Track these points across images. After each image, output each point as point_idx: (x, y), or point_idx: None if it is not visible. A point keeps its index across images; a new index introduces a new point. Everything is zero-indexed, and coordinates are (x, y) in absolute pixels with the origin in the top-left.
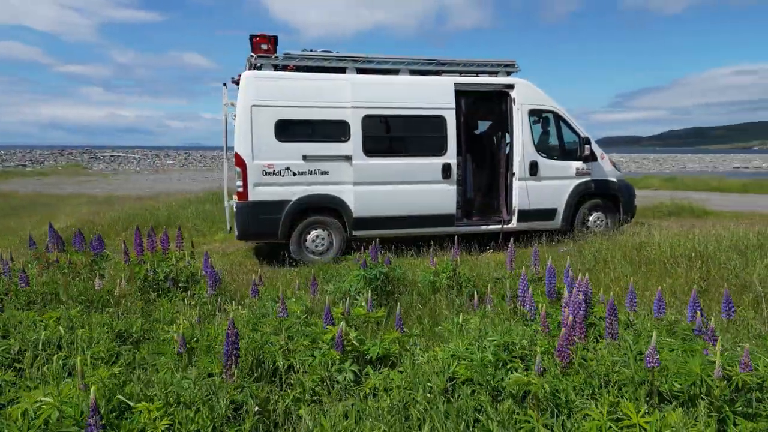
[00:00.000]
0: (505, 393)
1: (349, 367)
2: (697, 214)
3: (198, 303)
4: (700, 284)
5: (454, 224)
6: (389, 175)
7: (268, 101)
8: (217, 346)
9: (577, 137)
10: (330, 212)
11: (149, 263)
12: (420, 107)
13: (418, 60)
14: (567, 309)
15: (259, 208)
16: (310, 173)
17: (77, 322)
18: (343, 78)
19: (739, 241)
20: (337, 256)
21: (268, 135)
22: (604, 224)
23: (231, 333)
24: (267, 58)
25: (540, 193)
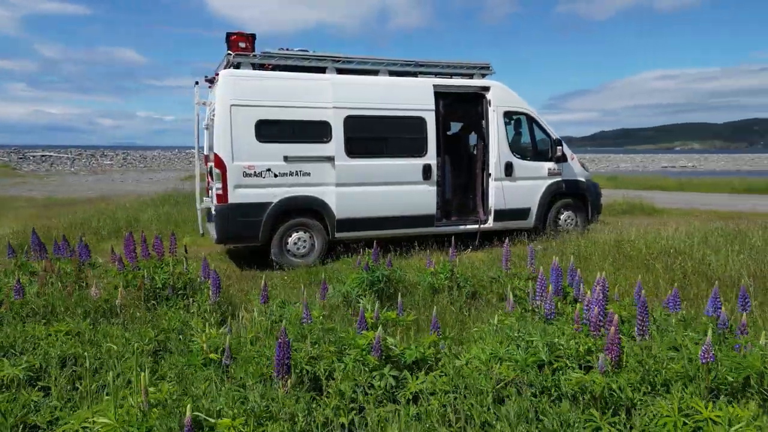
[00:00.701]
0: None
1: (389, 373)
2: (648, 212)
3: (201, 311)
4: (682, 280)
5: (434, 225)
6: (371, 176)
7: (248, 101)
8: (256, 355)
9: (548, 138)
10: (312, 214)
11: (146, 270)
12: (401, 108)
13: (397, 61)
14: (596, 307)
15: (240, 211)
16: (291, 174)
17: (91, 335)
18: (325, 78)
19: (708, 237)
20: (319, 259)
21: (249, 135)
22: (574, 223)
23: (283, 342)
24: (245, 57)
25: (515, 193)
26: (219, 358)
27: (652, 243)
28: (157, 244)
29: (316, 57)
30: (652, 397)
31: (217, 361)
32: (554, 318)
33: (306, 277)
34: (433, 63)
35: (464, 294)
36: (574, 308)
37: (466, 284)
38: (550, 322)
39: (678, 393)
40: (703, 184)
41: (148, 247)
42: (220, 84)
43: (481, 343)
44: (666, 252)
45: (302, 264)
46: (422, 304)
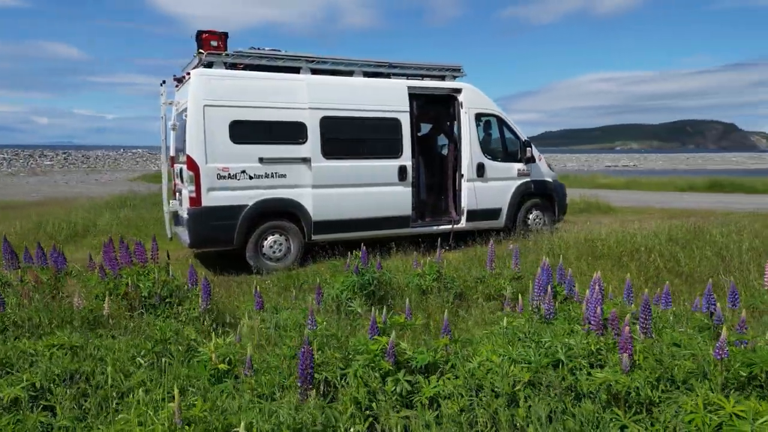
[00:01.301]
0: (573, 393)
1: (404, 378)
2: (605, 211)
3: (190, 319)
4: (656, 277)
5: (409, 226)
6: (348, 177)
7: (221, 101)
8: (274, 365)
9: (517, 140)
10: (288, 216)
11: (130, 278)
12: (376, 109)
13: (371, 62)
14: (598, 307)
15: (214, 214)
16: (267, 176)
17: (90, 349)
18: (300, 78)
19: (672, 235)
20: (296, 262)
21: (223, 137)
22: (542, 222)
23: (306, 351)
24: (218, 56)
25: (486, 193)
26: (228, 369)
27: (623, 241)
28: (140, 250)
29: (290, 57)
30: (670, 394)
31: (225, 372)
32: (553, 318)
33: (286, 281)
34: (406, 64)
35: (452, 295)
36: (567, 307)
37: (453, 285)
38: (550, 321)
39: (702, 390)
40: (649, 183)
41: (131, 255)
42: (192, 84)
43: (489, 345)
44: (637, 250)
45: (278, 268)
46: (413, 306)
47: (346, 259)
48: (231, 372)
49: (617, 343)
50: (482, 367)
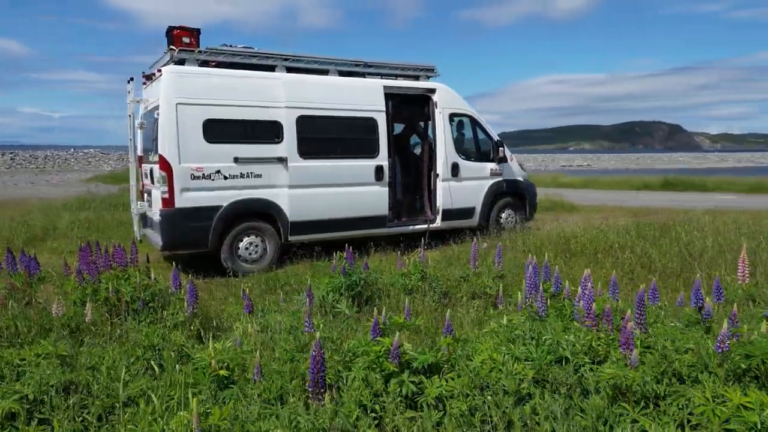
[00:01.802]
0: (578, 389)
1: (408, 379)
2: (568, 209)
3: (175, 324)
4: (630, 273)
5: (386, 225)
6: (325, 177)
7: (195, 99)
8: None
9: (490, 140)
10: (264, 217)
11: (110, 283)
12: (353, 109)
13: (346, 61)
14: (594, 303)
15: (188, 216)
16: (242, 176)
17: (83, 358)
18: (276, 77)
19: (642, 232)
20: (272, 264)
21: (196, 136)
22: (514, 221)
23: (317, 355)
24: (190, 53)
25: (461, 193)
26: (228, 375)
27: (596, 239)
28: (119, 253)
29: (265, 55)
30: (677, 387)
31: (224, 378)
32: (546, 315)
33: (267, 283)
34: (381, 64)
35: (437, 294)
36: (560, 304)
37: (437, 285)
38: (543, 319)
39: (709, 382)
40: (606, 182)
41: (110, 258)
42: (164, 81)
43: (488, 343)
44: (611, 247)
45: (254, 270)
46: (400, 306)
47: (322, 260)
48: (231, 378)
49: (615, 338)
50: (485, 365)
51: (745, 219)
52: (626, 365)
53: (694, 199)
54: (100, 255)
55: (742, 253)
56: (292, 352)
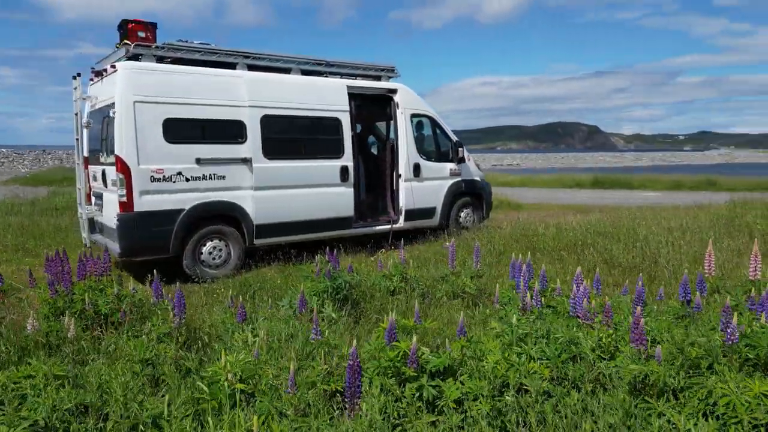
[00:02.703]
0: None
1: (427, 383)
2: (514, 207)
3: (161, 336)
4: (594, 270)
5: (351, 227)
6: (290, 178)
7: (154, 97)
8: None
9: (449, 140)
10: (227, 221)
11: (87, 295)
12: (318, 108)
13: (309, 60)
14: (594, 300)
15: (148, 220)
16: (204, 178)
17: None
18: (238, 75)
19: (598, 229)
20: (236, 269)
21: (156, 136)
22: (472, 220)
23: (354, 365)
24: (147, 48)
25: (423, 193)
26: (247, 388)
27: (558, 236)
28: (90, 263)
29: (226, 52)
30: (698, 379)
31: (241, 392)
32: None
33: (238, 289)
34: (344, 63)
35: (418, 294)
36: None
37: (417, 285)
38: (534, 315)
39: (732, 374)
40: (541, 181)
41: (84, 267)
42: (119, 78)
43: (495, 343)
44: (575, 244)
45: (218, 275)
46: (383, 308)
47: (290, 263)
48: (250, 392)
49: (623, 334)
50: (499, 366)
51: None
52: (641, 359)
53: (623, 197)
54: (67, 264)
55: (709, 248)
56: (300, 361)
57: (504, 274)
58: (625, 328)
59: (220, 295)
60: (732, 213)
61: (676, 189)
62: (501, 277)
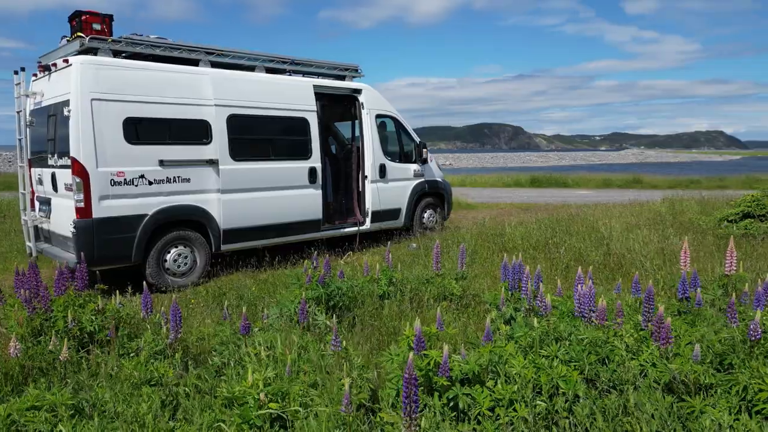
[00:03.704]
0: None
1: (461, 392)
2: (464, 207)
3: (154, 353)
4: (565, 266)
5: (320, 230)
6: (258, 180)
7: (113, 94)
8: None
9: (412, 141)
10: (193, 226)
11: (70, 311)
12: (285, 108)
13: (273, 57)
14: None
15: (108, 227)
16: (168, 181)
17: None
18: (203, 72)
19: (561, 228)
20: (202, 276)
21: (116, 136)
22: (435, 221)
23: (410, 376)
24: (103, 41)
25: (388, 194)
26: (279, 408)
27: (527, 236)
28: (69, 275)
29: (188, 47)
30: (730, 375)
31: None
32: (548, 314)
33: (214, 298)
34: (309, 62)
35: (408, 298)
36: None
37: (405, 289)
38: (546, 317)
39: (764, 368)
40: (482, 181)
41: (64, 280)
42: (75, 73)
43: (509, 346)
44: (544, 243)
45: (184, 284)
46: (372, 313)
47: (252, 269)
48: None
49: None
50: (526, 370)
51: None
52: (667, 358)
53: (562, 195)
54: (35, 277)
55: (684, 245)
56: (318, 374)
57: (480, 275)
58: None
59: (195, 306)
60: (671, 210)
61: (606, 187)
62: (477, 278)
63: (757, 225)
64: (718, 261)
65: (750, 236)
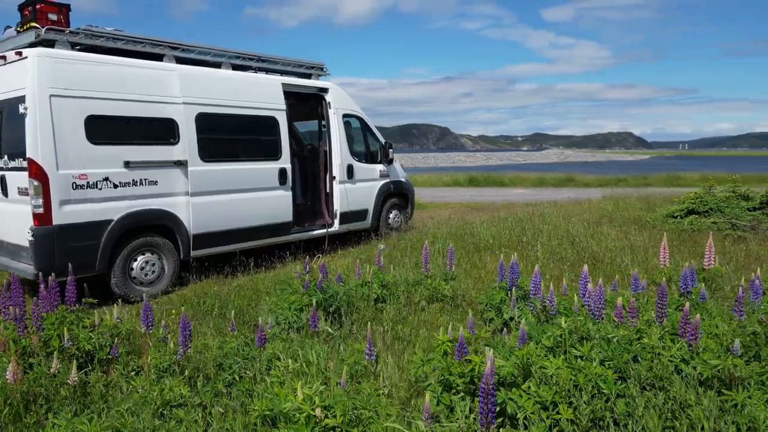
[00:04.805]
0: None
1: (507, 397)
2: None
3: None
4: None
5: (290, 232)
6: (229, 182)
7: (74, 90)
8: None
9: (378, 142)
10: (161, 231)
11: (65, 328)
12: (254, 107)
13: (240, 54)
14: (621, 299)
15: (70, 234)
16: (135, 184)
17: None
18: (170, 68)
19: (525, 226)
20: (171, 284)
21: (77, 136)
22: (400, 221)
23: (488, 388)
24: (60, 33)
25: (356, 195)
26: (336, 423)
27: (497, 236)
28: (55, 287)
29: (152, 41)
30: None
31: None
32: (557, 314)
33: (195, 308)
34: (275, 59)
35: (403, 301)
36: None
37: (397, 291)
38: (553, 317)
39: None
40: (422, 180)
41: (54, 296)
42: (31, 67)
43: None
44: (517, 242)
45: (151, 293)
46: (368, 316)
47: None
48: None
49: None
50: (561, 371)
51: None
52: (695, 354)
53: (502, 194)
54: (20, 293)
55: (663, 242)
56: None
57: (461, 275)
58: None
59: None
60: (617, 207)
61: (541, 185)
62: (458, 278)
63: (701, 221)
64: (681, 255)
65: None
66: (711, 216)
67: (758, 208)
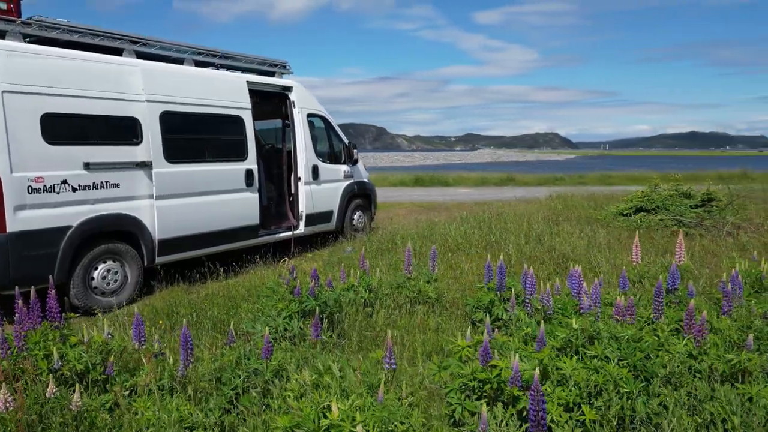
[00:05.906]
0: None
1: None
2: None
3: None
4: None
5: (258, 236)
6: (195, 184)
7: (28, 86)
8: None
9: (341, 142)
10: (124, 237)
11: (53, 346)
12: (220, 105)
13: (203, 50)
14: (622, 297)
15: (26, 242)
16: (95, 187)
17: None
18: (133, 63)
19: (494, 225)
20: (134, 294)
21: (33, 135)
22: (363, 222)
23: (537, 395)
24: (11, 23)
25: (321, 196)
26: None
27: (466, 235)
28: (40, 301)
29: (110, 35)
30: None
31: None
32: (554, 314)
33: (162, 317)
34: (239, 56)
35: (391, 305)
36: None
37: (383, 295)
38: (550, 317)
39: None
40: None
41: (39, 311)
42: None
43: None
44: (486, 242)
45: (114, 303)
46: (359, 321)
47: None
48: None
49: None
50: (578, 372)
51: (532, 209)
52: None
53: (449, 193)
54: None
55: (636, 240)
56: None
57: (438, 276)
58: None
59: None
60: (565, 206)
61: (483, 185)
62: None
63: (649, 218)
64: (643, 252)
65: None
66: (658, 213)
67: (700, 206)
